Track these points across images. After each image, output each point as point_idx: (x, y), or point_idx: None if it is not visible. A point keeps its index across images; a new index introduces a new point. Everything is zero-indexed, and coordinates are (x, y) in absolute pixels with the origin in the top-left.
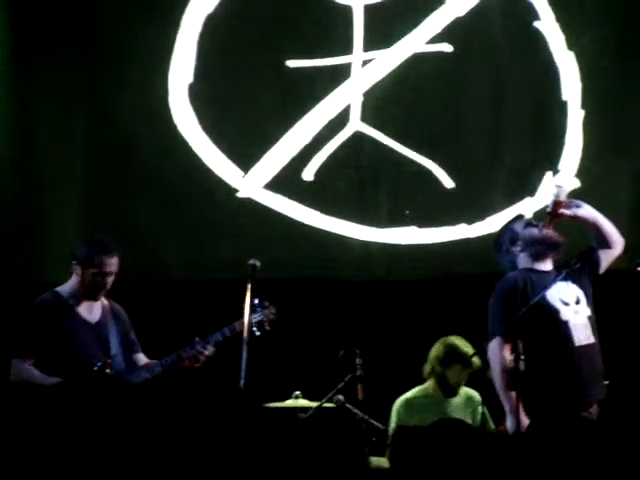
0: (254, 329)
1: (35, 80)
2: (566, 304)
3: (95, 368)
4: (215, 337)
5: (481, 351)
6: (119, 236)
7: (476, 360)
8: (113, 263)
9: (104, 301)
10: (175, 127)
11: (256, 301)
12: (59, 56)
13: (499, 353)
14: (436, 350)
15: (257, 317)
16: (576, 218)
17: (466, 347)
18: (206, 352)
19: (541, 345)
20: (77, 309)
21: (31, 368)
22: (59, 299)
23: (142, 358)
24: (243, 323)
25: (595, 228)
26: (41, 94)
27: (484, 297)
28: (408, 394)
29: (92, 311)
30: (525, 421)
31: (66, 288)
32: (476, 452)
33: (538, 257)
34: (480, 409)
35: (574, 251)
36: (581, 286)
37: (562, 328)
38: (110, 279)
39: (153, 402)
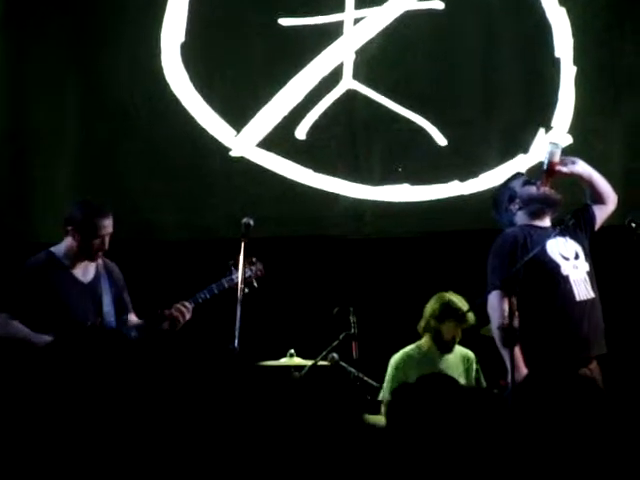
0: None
1: (26, 44)
2: (566, 259)
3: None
4: (203, 294)
5: (475, 307)
6: (112, 197)
7: (470, 315)
8: (109, 224)
9: (99, 260)
10: (167, 86)
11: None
12: (50, 20)
13: (499, 307)
14: (431, 306)
15: (245, 274)
16: (572, 175)
17: (461, 303)
18: (186, 311)
19: (542, 299)
20: (71, 270)
21: (19, 324)
22: (53, 259)
23: (133, 318)
24: (231, 280)
25: (590, 184)
26: (32, 57)
27: (477, 254)
28: (404, 350)
29: (87, 271)
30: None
31: (61, 249)
32: (470, 410)
33: (536, 215)
34: (474, 367)
35: (570, 208)
36: (579, 242)
37: (563, 282)
38: (107, 240)
39: (147, 359)
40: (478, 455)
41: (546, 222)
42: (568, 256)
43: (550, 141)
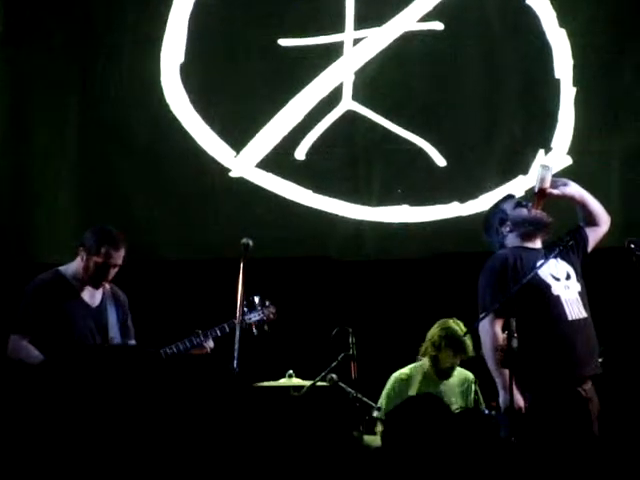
0: (253, 329)
1: (27, 64)
2: (557, 279)
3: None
4: (214, 332)
5: (472, 330)
6: (112, 217)
7: (469, 346)
8: (119, 256)
9: (106, 285)
10: (167, 107)
11: (257, 300)
12: (50, 38)
13: (490, 330)
14: (432, 333)
15: (256, 317)
16: (563, 197)
17: (459, 331)
18: (207, 347)
19: (534, 320)
20: (79, 292)
21: (30, 346)
22: (61, 279)
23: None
24: (241, 320)
25: (582, 206)
26: (32, 77)
27: (477, 275)
28: (404, 370)
29: (94, 295)
30: (518, 398)
31: (69, 269)
32: (458, 431)
33: (527, 237)
34: (473, 388)
35: (562, 230)
36: (570, 263)
37: (554, 303)
38: (114, 271)
39: (149, 380)
40: (467, 474)
41: (537, 244)
42: (559, 277)
43: (541, 164)
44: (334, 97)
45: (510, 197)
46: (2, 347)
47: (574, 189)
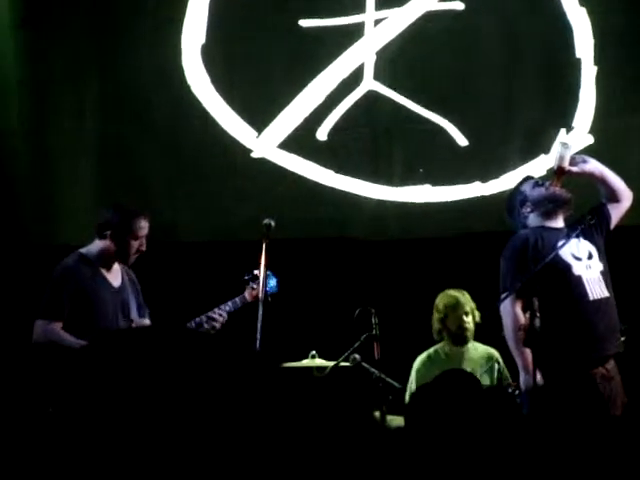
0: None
1: (46, 46)
2: (578, 259)
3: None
4: (228, 307)
5: (494, 310)
6: (133, 198)
7: (458, 295)
8: (146, 226)
9: (117, 265)
10: (188, 88)
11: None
12: (70, 21)
13: (512, 311)
14: (435, 305)
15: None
16: (583, 174)
17: (453, 292)
18: (220, 320)
19: (555, 301)
20: (104, 273)
21: (60, 330)
22: (86, 261)
23: (147, 323)
24: (252, 294)
25: (603, 182)
26: (52, 60)
27: (499, 255)
28: (427, 352)
29: (117, 276)
30: (539, 377)
31: (92, 251)
32: (483, 408)
33: (548, 215)
34: (497, 367)
35: (585, 208)
36: (593, 242)
37: (575, 283)
38: (145, 241)
39: (173, 360)
40: (490, 452)
41: (559, 222)
42: (580, 256)
43: (560, 141)
44: (355, 77)
45: (529, 178)
46: (22, 331)
47: (593, 166)
